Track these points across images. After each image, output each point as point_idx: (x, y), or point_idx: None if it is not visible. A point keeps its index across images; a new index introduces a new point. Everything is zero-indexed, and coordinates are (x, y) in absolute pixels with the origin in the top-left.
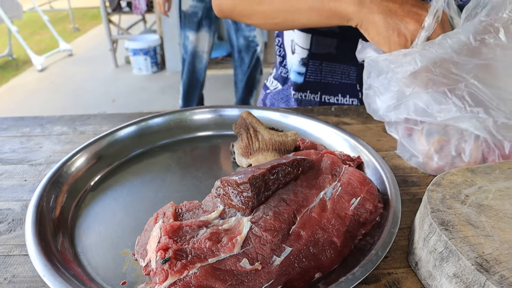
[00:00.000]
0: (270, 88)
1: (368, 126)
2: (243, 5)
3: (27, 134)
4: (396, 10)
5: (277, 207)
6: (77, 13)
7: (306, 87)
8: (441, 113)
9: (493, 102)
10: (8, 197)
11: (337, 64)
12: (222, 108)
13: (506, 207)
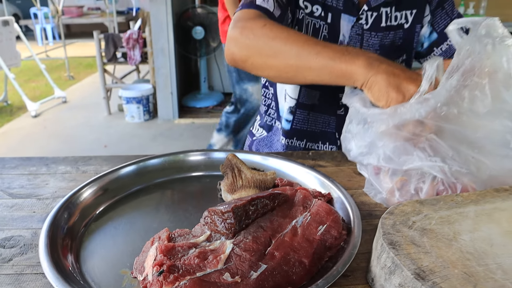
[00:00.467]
0: (256, 135)
1: (341, 168)
2: (256, 57)
3: (34, 172)
4: (398, 74)
5: (256, 232)
6: (72, 62)
7: (293, 134)
8: (406, 162)
9: (449, 153)
10: (19, 226)
11: (320, 114)
12: (211, 151)
13: (445, 230)
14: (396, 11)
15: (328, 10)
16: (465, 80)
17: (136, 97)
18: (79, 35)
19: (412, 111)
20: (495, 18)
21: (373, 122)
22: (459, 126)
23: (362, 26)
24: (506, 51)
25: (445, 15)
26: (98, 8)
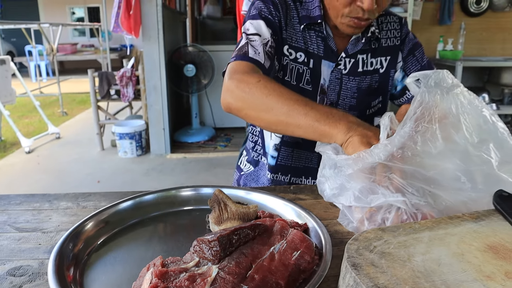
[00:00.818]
0: (243, 170)
1: (318, 201)
2: (250, 110)
3: (38, 208)
4: (369, 134)
5: (238, 258)
6: (65, 98)
7: (278, 170)
8: (373, 200)
9: (408, 189)
10: (27, 257)
11: (303, 151)
12: (200, 187)
13: (401, 253)
14: (372, 58)
15: (310, 57)
16: (417, 126)
17: (129, 133)
18: (73, 71)
19: (373, 155)
20: (444, 71)
21: (342, 167)
22: (414, 166)
23: (341, 71)
24: (454, 98)
25: (416, 62)
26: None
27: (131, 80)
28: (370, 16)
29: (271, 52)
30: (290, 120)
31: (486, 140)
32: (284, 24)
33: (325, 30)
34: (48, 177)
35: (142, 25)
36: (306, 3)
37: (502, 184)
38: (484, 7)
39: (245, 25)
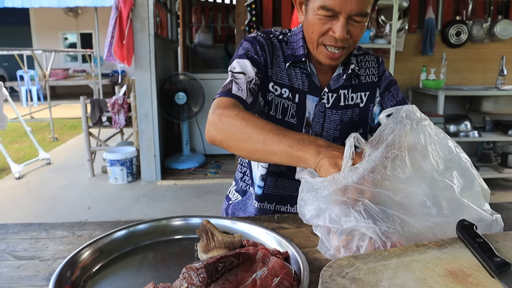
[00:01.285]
0: (232, 199)
1: (300, 229)
2: (231, 141)
3: (35, 237)
4: (337, 154)
5: (223, 284)
6: (56, 123)
7: (264, 198)
8: (346, 223)
9: (380, 216)
10: (26, 284)
11: (288, 180)
12: (189, 217)
13: (370, 279)
14: (353, 93)
15: (295, 92)
16: (388, 152)
17: (120, 160)
18: (64, 96)
19: (346, 178)
20: (413, 106)
21: (318, 189)
22: (383, 189)
23: (324, 105)
24: (423, 129)
25: (392, 97)
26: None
27: (123, 107)
28: (344, 45)
29: (254, 89)
30: (266, 148)
31: (451, 168)
32: (270, 63)
33: (309, 67)
34: (38, 203)
35: (134, 54)
36: (292, 43)
37: (463, 208)
38: (464, 39)
39: (232, 64)
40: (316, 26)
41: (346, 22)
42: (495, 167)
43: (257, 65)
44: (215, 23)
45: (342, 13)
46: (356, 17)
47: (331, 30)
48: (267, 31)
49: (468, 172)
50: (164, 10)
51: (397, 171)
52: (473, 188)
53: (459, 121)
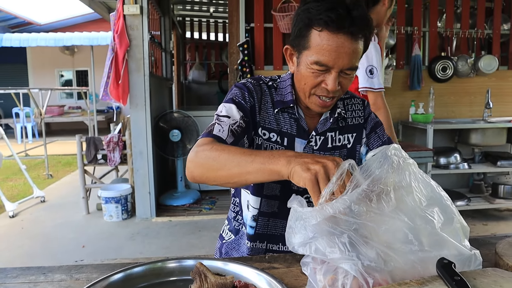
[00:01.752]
0: (225, 239)
1: (290, 269)
2: (209, 172)
3: (34, 281)
4: (307, 161)
5: None
6: (51, 160)
7: (256, 238)
8: (331, 254)
9: (363, 249)
10: None
11: (279, 220)
12: (183, 259)
13: None
14: (340, 135)
15: (284, 136)
16: (374, 186)
17: (115, 197)
18: (59, 132)
19: (334, 208)
20: (399, 146)
21: (306, 218)
22: (368, 221)
23: (312, 147)
24: (408, 167)
25: (378, 138)
26: (79, 107)
27: (118, 145)
28: (335, 95)
29: (237, 131)
30: (241, 170)
31: (432, 205)
32: (258, 108)
33: (297, 112)
34: (32, 242)
35: (129, 94)
36: (281, 89)
37: (444, 243)
38: (450, 74)
39: (218, 108)
40: (309, 79)
41: (337, 75)
42: (487, 197)
43: (243, 110)
44: (209, 60)
45: (334, 68)
46: (347, 71)
47: (324, 82)
48: (257, 78)
49: (448, 209)
50: (159, 49)
51: (382, 205)
52: (453, 224)
53: (449, 153)
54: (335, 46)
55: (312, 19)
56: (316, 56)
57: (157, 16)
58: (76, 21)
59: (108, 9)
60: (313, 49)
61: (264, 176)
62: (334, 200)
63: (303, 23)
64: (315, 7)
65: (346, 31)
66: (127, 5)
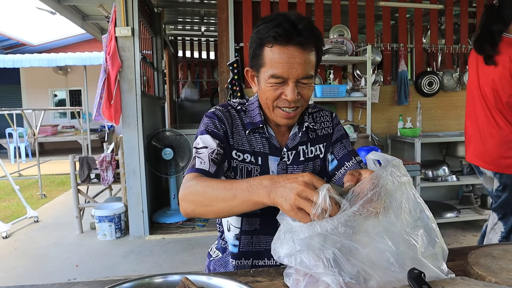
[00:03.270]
0: (213, 256)
1: (273, 282)
2: (199, 209)
3: None
4: (279, 180)
5: None
6: (44, 180)
7: (241, 256)
8: (315, 267)
9: (346, 266)
10: None
11: (262, 236)
12: (169, 275)
13: None
14: (311, 146)
15: (257, 155)
16: (363, 209)
17: (108, 216)
18: (52, 152)
19: (322, 227)
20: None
21: (296, 232)
22: (353, 242)
23: (286, 162)
24: (401, 187)
25: (343, 147)
26: (72, 126)
27: (111, 164)
28: (297, 105)
29: (217, 158)
30: (227, 205)
31: (418, 227)
32: (230, 132)
33: (267, 131)
34: (25, 262)
35: (122, 113)
36: (250, 112)
37: (423, 268)
38: (436, 88)
39: (196, 141)
40: (269, 93)
41: (295, 85)
42: (476, 209)
43: (217, 137)
44: (201, 78)
45: (290, 79)
46: (303, 80)
47: (283, 94)
48: (225, 104)
49: (433, 232)
50: (151, 68)
51: (369, 227)
52: (435, 248)
53: (437, 166)
54: (286, 58)
55: (263, 38)
56: (271, 70)
57: (148, 36)
58: (69, 41)
59: (100, 30)
60: (268, 65)
61: (250, 207)
62: (324, 220)
63: (256, 43)
64: (264, 28)
65: (294, 43)
66: (118, 27)
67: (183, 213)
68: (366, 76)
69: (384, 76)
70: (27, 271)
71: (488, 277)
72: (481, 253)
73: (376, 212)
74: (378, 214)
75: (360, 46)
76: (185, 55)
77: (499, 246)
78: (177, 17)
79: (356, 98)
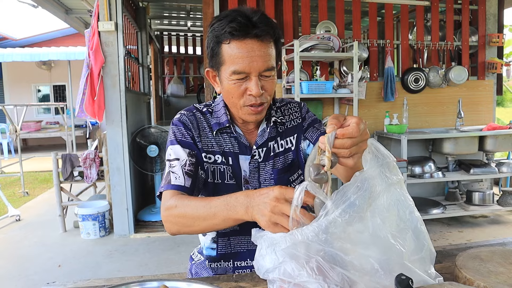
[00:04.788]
0: (195, 260)
1: (257, 287)
2: (184, 229)
3: None
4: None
5: None
6: (27, 177)
7: (220, 258)
8: (299, 277)
9: (330, 273)
10: None
11: (242, 236)
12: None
13: None
14: (281, 140)
15: (228, 155)
16: (345, 214)
17: (92, 214)
18: (36, 148)
19: (303, 235)
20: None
21: (277, 243)
22: (336, 249)
23: (257, 160)
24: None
25: (316, 130)
26: (56, 122)
27: (95, 161)
28: (262, 100)
29: (191, 170)
30: (209, 223)
31: (406, 229)
32: (198, 136)
33: (234, 131)
34: (6, 263)
35: (105, 110)
36: (216, 112)
37: (411, 274)
38: (422, 85)
39: (167, 152)
40: (233, 90)
41: (258, 79)
42: (461, 205)
43: (187, 146)
44: (187, 74)
45: (252, 73)
46: (265, 73)
47: (247, 89)
48: (191, 108)
49: (421, 235)
50: (136, 64)
51: (352, 233)
52: (423, 252)
53: (423, 162)
54: (245, 52)
55: (219, 36)
56: (232, 66)
57: (133, 31)
58: (53, 35)
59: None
60: (228, 62)
61: (231, 223)
62: (305, 227)
63: (213, 42)
64: (218, 25)
65: (251, 36)
66: (101, 21)
67: (169, 233)
68: (352, 72)
69: (370, 72)
70: (7, 272)
71: (476, 281)
72: (469, 256)
73: (360, 217)
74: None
75: (347, 42)
76: (171, 50)
77: (487, 248)
78: (162, 11)
79: (343, 94)
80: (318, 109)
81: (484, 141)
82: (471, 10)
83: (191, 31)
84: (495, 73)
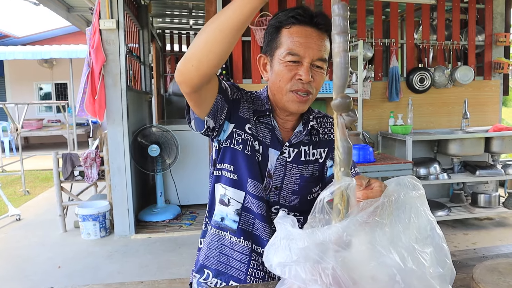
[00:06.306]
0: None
1: None
2: (194, 56)
3: None
4: None
5: None
6: (28, 175)
7: (240, 235)
8: (311, 283)
9: (345, 282)
10: None
11: (268, 225)
12: None
13: None
14: (313, 149)
15: (260, 144)
16: (369, 218)
17: (92, 215)
18: (38, 146)
19: (325, 235)
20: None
21: (294, 239)
22: (357, 254)
23: (286, 158)
24: (410, 201)
25: None
26: (58, 120)
27: (95, 161)
28: (309, 89)
29: (225, 85)
30: (225, 23)
31: (428, 245)
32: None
33: (272, 121)
34: (4, 263)
35: (106, 109)
36: (258, 101)
37: None
38: (427, 85)
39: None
40: (283, 73)
41: (309, 67)
42: (467, 207)
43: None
44: None
45: (306, 58)
46: (317, 62)
47: (297, 74)
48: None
49: (442, 252)
50: (138, 62)
51: (375, 239)
52: (444, 269)
53: (428, 164)
54: (304, 37)
55: (282, 21)
56: (288, 48)
57: (135, 29)
58: (55, 33)
59: (86, 22)
60: (284, 44)
61: (247, 11)
62: (327, 227)
63: (274, 28)
64: (283, 14)
65: (312, 25)
66: (103, 19)
67: (178, 77)
68: (357, 72)
69: (375, 72)
70: (6, 273)
71: None
72: (486, 268)
73: (382, 223)
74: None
75: (351, 41)
76: (173, 49)
77: (504, 260)
78: (164, 9)
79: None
80: (321, 110)
81: (490, 142)
82: (478, 9)
83: (193, 29)
84: (502, 73)
